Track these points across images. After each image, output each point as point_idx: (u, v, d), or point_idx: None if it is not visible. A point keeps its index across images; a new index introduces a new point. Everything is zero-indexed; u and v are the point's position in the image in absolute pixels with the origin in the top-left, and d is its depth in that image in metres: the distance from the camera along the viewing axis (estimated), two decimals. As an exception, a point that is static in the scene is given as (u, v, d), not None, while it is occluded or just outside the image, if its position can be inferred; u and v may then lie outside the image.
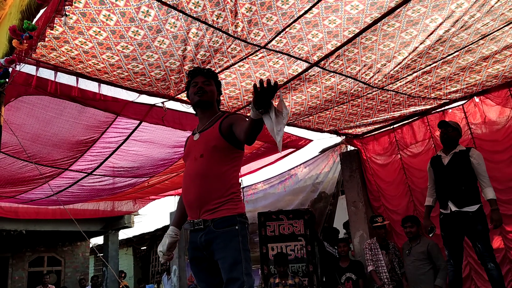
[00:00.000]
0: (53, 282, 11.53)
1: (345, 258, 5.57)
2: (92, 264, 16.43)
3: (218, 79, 2.78)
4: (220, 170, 2.41)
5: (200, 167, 2.43)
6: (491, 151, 4.69)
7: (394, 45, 3.74)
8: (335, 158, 6.96)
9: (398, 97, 4.90)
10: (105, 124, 4.48)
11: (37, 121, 4.29)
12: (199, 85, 2.60)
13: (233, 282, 2.23)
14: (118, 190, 6.67)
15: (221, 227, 2.31)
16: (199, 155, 2.46)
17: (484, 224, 3.62)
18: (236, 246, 2.28)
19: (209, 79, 2.65)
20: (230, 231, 2.31)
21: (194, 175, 2.44)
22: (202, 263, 2.44)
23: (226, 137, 2.46)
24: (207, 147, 2.46)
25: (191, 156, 2.53)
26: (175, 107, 4.56)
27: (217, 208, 2.35)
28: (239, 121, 2.43)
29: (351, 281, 5.38)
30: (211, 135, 2.50)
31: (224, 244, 2.29)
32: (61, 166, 5.18)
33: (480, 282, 4.87)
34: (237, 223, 2.34)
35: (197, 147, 2.52)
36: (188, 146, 2.64)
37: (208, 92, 2.60)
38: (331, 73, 4.18)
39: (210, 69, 2.75)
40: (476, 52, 3.94)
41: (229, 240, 2.26)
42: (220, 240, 2.30)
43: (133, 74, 3.67)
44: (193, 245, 2.45)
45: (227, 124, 2.48)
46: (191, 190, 2.43)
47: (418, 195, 5.55)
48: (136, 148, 5.11)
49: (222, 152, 2.45)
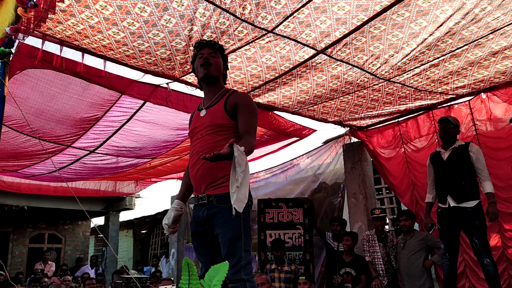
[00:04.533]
0: (53, 259, 11.63)
1: (349, 253, 5.49)
2: (93, 244, 16.57)
3: (225, 53, 2.76)
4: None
5: (207, 144, 2.46)
6: (494, 148, 4.66)
7: (402, 35, 3.70)
8: (338, 150, 6.94)
9: (405, 89, 4.87)
10: (109, 102, 4.48)
11: (41, 96, 4.29)
12: (205, 56, 2.58)
13: (231, 257, 2.25)
14: (120, 169, 6.70)
15: (223, 203, 2.33)
16: (205, 132, 2.49)
17: (482, 220, 3.61)
18: (237, 222, 2.30)
19: (215, 51, 2.64)
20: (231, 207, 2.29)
21: (200, 151, 2.45)
22: (203, 238, 2.47)
23: (231, 116, 2.48)
24: (212, 124, 2.49)
25: (197, 133, 2.55)
26: (180, 89, 4.55)
27: (221, 184, 2.38)
28: (244, 113, 2.47)
29: (350, 276, 5.37)
30: (217, 113, 2.52)
31: (225, 219, 2.31)
32: (64, 142, 5.20)
33: (475, 280, 4.88)
34: None
35: (203, 123, 2.54)
36: (194, 122, 2.64)
37: (214, 65, 2.59)
38: (338, 61, 4.15)
39: (218, 44, 2.72)
40: (485, 46, 3.89)
41: (231, 216, 2.25)
42: (221, 215, 2.33)
43: (138, 52, 3.66)
44: (196, 219, 2.49)
45: (232, 103, 2.50)
46: (197, 166, 2.46)
47: (420, 189, 5.54)
48: (139, 128, 5.11)
49: (227, 129, 2.47)
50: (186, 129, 5.30)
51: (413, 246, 5.07)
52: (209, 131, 2.49)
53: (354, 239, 5.53)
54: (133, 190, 9.50)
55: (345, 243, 5.50)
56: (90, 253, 14.16)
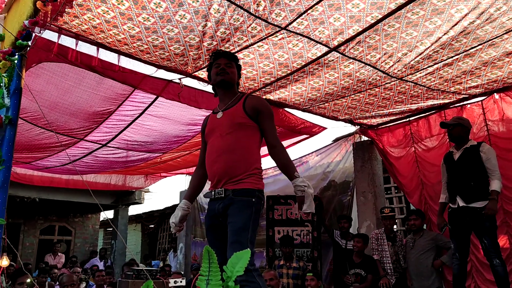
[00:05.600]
0: (63, 251, 11.78)
1: (359, 254, 5.49)
2: (101, 237, 16.73)
3: (239, 63, 2.92)
4: (245, 146, 2.58)
5: (227, 142, 2.59)
6: (505, 149, 4.63)
7: (417, 34, 3.69)
8: (348, 148, 6.93)
9: (417, 89, 4.85)
10: (122, 96, 4.53)
11: (56, 89, 4.35)
12: (222, 66, 2.76)
13: (238, 245, 2.34)
14: (130, 163, 6.76)
15: (239, 195, 2.47)
16: (225, 132, 2.62)
17: (492, 221, 3.60)
18: (248, 214, 2.43)
19: (230, 61, 2.82)
20: (246, 201, 2.46)
21: (221, 150, 2.59)
22: (218, 231, 2.56)
23: (251, 117, 2.63)
24: (232, 124, 2.63)
25: (215, 133, 2.69)
26: (192, 85, 4.59)
27: (241, 180, 2.50)
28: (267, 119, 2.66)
29: (360, 276, 5.37)
30: (236, 113, 2.66)
31: (238, 210, 2.43)
32: (77, 135, 5.26)
33: (480, 281, 4.86)
34: (255, 196, 2.48)
35: (222, 124, 2.68)
36: (211, 124, 2.78)
37: (230, 74, 2.77)
38: (350, 59, 4.15)
39: (232, 53, 2.94)
40: (499, 46, 3.87)
41: (244, 208, 2.42)
42: (235, 206, 2.45)
43: (152, 47, 3.69)
44: (211, 213, 2.60)
45: (252, 106, 2.67)
46: (217, 164, 2.58)
47: (429, 189, 5.52)
48: (151, 123, 5.16)
49: (247, 129, 2.62)
50: (197, 125, 5.36)
51: (423, 246, 5.07)
52: (229, 129, 2.62)
53: (365, 241, 5.51)
54: (143, 185, 9.57)
55: (356, 245, 5.47)
56: (99, 246, 14.29)
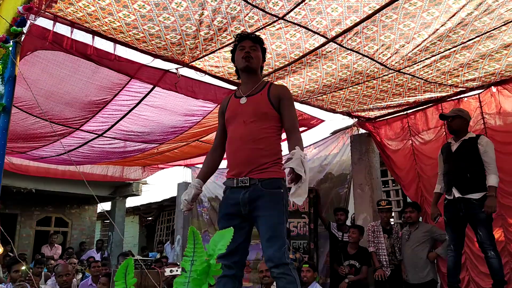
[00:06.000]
0: (59, 242, 11.78)
1: (354, 245, 5.50)
2: (99, 229, 16.74)
3: (264, 46, 2.87)
4: (269, 135, 2.58)
5: (252, 131, 2.57)
6: (502, 142, 4.62)
7: (414, 25, 3.67)
8: (345, 141, 6.92)
9: (414, 81, 4.83)
10: (118, 86, 4.50)
11: (51, 78, 4.32)
12: (246, 49, 2.70)
13: (275, 240, 2.38)
14: (127, 154, 6.75)
15: (268, 188, 2.46)
16: (249, 119, 2.59)
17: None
18: (281, 208, 2.44)
19: (255, 44, 2.76)
20: (277, 193, 2.46)
21: (245, 138, 2.57)
22: (234, 219, 2.52)
23: (275, 107, 2.62)
24: (257, 112, 2.60)
25: (238, 119, 2.65)
26: (189, 75, 4.56)
27: (265, 169, 2.50)
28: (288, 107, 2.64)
29: (354, 268, 5.39)
30: (261, 102, 2.64)
31: (271, 204, 2.43)
32: (73, 125, 5.24)
33: (474, 273, 4.88)
34: (282, 186, 2.49)
35: (246, 111, 2.64)
36: (233, 108, 2.73)
37: (255, 58, 2.72)
38: (348, 50, 4.13)
39: (258, 35, 2.86)
40: (497, 38, 3.85)
41: (276, 202, 2.43)
42: (267, 199, 2.44)
43: (148, 36, 3.66)
44: (231, 201, 2.55)
45: (276, 95, 2.65)
46: (241, 152, 2.57)
47: (425, 182, 5.52)
48: (147, 113, 5.14)
49: (271, 119, 2.61)
50: (195, 115, 5.35)
51: (418, 238, 5.09)
52: (253, 118, 2.59)
53: (361, 232, 5.53)
54: (140, 176, 9.56)
55: (351, 236, 5.49)
56: (96, 237, 14.31)
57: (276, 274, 2.35)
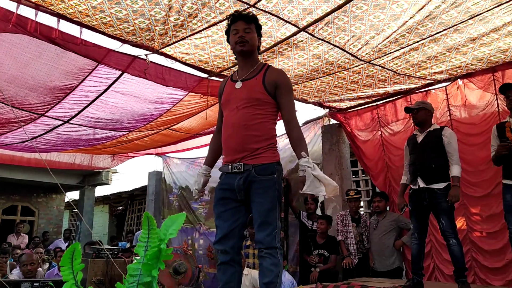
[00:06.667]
0: (26, 231, 11.48)
1: (323, 235, 5.56)
2: (67, 218, 16.42)
3: (259, 23, 2.74)
4: (262, 121, 2.54)
5: (243, 117, 2.53)
6: (466, 134, 4.76)
7: (384, 16, 3.70)
8: (316, 131, 6.98)
9: (384, 73, 4.90)
10: (85, 71, 4.38)
11: (14, 62, 4.17)
12: (240, 33, 2.59)
13: (267, 225, 2.41)
14: (95, 141, 6.60)
15: (262, 174, 2.46)
16: (242, 105, 2.54)
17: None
18: (273, 194, 2.45)
19: (250, 24, 2.63)
20: (269, 180, 2.46)
21: (237, 124, 2.54)
22: (230, 203, 2.55)
23: (270, 93, 2.56)
24: (250, 98, 2.55)
25: (232, 105, 2.60)
26: (159, 61, 4.48)
27: (258, 154, 2.49)
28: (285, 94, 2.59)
29: (323, 257, 5.46)
30: (255, 87, 2.57)
31: (264, 191, 2.45)
32: (37, 111, 5.08)
33: (439, 260, 5.05)
34: (275, 171, 2.49)
35: (239, 96, 2.58)
36: (228, 92, 2.67)
37: (249, 41, 2.60)
38: (319, 40, 4.14)
39: (251, 13, 2.74)
40: (464, 32, 3.93)
41: (268, 188, 2.44)
42: (260, 185, 2.46)
43: (116, 20, 3.56)
44: (226, 186, 2.56)
45: (272, 81, 2.57)
46: (233, 138, 2.54)
47: (393, 172, 5.64)
48: (115, 100, 5.03)
49: (264, 105, 2.56)
50: (164, 103, 5.27)
51: (385, 227, 5.21)
52: (246, 103, 2.54)
53: (329, 222, 5.60)
54: (109, 165, 9.39)
55: (319, 226, 5.56)
56: (63, 227, 14.02)
57: (263, 253, 2.39)
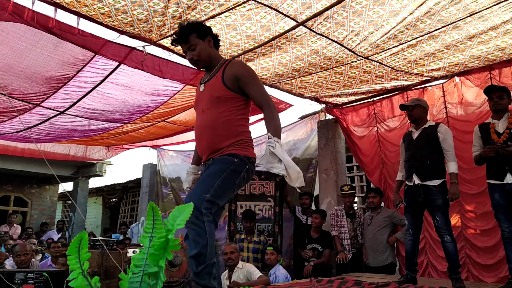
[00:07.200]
0: (18, 222, 11.42)
1: (317, 229, 5.59)
2: (60, 209, 16.35)
3: (200, 29, 2.64)
4: (227, 120, 2.50)
5: (207, 119, 2.54)
6: (462, 131, 4.78)
7: (383, 12, 3.70)
8: (313, 126, 6.99)
9: (382, 69, 4.90)
10: (82, 62, 4.34)
11: (10, 51, 4.12)
12: (188, 56, 2.63)
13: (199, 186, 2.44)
14: (91, 133, 6.56)
15: (219, 157, 2.48)
16: (205, 107, 2.56)
17: (445, 199, 3.72)
18: (222, 167, 2.42)
19: (189, 41, 2.58)
20: (226, 159, 2.44)
21: (203, 127, 2.56)
22: None
23: (231, 88, 2.52)
24: (212, 98, 2.54)
25: (198, 108, 2.64)
26: (156, 53, 4.45)
27: (226, 150, 2.47)
28: (249, 83, 2.52)
29: (317, 251, 5.49)
30: (215, 86, 2.56)
31: (214, 165, 2.47)
32: (33, 101, 5.04)
33: (433, 257, 5.09)
34: (238, 158, 2.44)
35: (203, 98, 2.60)
36: (196, 97, 2.72)
37: (199, 57, 2.60)
38: (317, 35, 4.13)
39: (186, 29, 2.60)
40: (462, 29, 3.94)
41: (221, 163, 2.42)
42: (213, 164, 2.48)
43: (114, 11, 3.53)
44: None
45: (230, 75, 2.53)
46: (202, 141, 2.58)
47: (389, 168, 5.66)
48: (112, 91, 5.00)
49: (228, 101, 2.52)
50: (161, 95, 5.25)
51: (379, 223, 5.24)
52: (208, 104, 2.54)
53: (323, 216, 5.64)
54: (104, 156, 9.34)
55: (314, 221, 5.60)
56: (57, 218, 13.96)
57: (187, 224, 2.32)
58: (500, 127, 3.70)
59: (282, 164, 2.22)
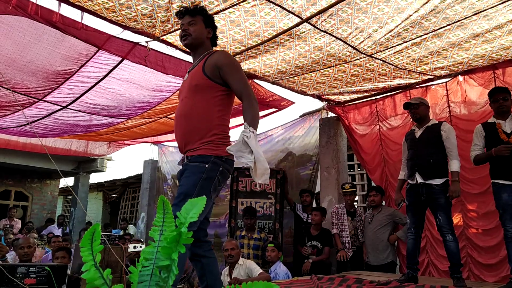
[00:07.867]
0: (19, 216, 11.44)
1: (317, 227, 5.59)
2: (61, 204, 16.36)
3: (209, 17, 2.69)
4: (202, 111, 2.45)
5: (184, 108, 2.50)
6: (465, 130, 4.77)
7: (388, 10, 3.69)
8: (312, 122, 6.98)
9: (385, 67, 4.89)
10: (85, 57, 4.34)
11: (14, 45, 4.12)
12: (184, 27, 2.58)
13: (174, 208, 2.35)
14: (93, 128, 6.56)
15: (193, 161, 2.39)
16: (184, 95, 2.53)
17: (447, 198, 3.71)
18: (195, 180, 2.33)
19: (195, 17, 2.59)
20: (198, 166, 2.36)
21: (179, 115, 2.52)
22: None
23: (210, 77, 2.46)
24: (190, 86, 2.51)
25: (180, 97, 2.62)
26: (160, 49, 4.44)
27: (199, 147, 2.41)
28: (230, 73, 2.46)
29: (316, 248, 5.49)
30: (195, 74, 2.52)
31: (187, 175, 2.37)
32: (36, 95, 5.03)
33: (434, 256, 5.08)
34: (209, 162, 2.36)
35: (185, 86, 2.58)
36: (181, 86, 2.69)
37: (193, 33, 2.57)
38: (321, 32, 4.11)
39: (198, 5, 2.68)
40: (467, 28, 3.92)
41: (192, 173, 2.34)
42: (187, 171, 2.39)
43: (118, 6, 3.52)
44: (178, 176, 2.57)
45: (211, 64, 2.48)
46: (177, 131, 2.52)
47: (390, 167, 5.65)
48: (115, 86, 4.99)
49: (205, 91, 2.46)
50: (163, 91, 5.24)
51: (380, 221, 5.24)
52: (187, 93, 2.52)
53: (323, 214, 5.63)
54: (105, 152, 9.36)
55: (313, 218, 5.60)
56: (57, 213, 13.97)
57: None
58: (507, 127, 3.69)
59: (252, 156, 2.13)
